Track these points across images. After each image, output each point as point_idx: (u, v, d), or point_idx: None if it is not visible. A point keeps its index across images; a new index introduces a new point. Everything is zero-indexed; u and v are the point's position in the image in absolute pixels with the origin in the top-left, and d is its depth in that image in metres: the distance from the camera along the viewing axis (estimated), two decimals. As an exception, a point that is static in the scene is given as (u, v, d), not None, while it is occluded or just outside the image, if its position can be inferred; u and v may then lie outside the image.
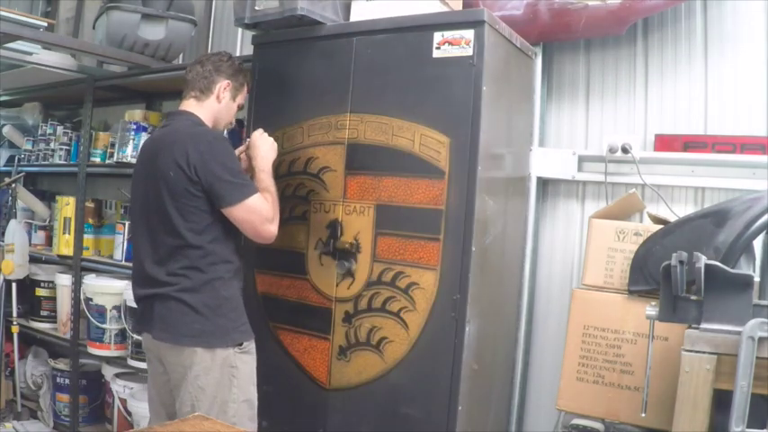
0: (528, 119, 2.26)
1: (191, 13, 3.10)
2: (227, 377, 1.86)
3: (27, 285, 3.29)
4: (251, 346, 1.93)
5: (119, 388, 2.82)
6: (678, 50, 2.15)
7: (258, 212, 1.86)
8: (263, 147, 2.02)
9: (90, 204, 3.16)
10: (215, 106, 2.01)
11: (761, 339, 1.29)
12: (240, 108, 2.12)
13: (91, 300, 2.85)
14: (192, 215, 1.84)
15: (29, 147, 3.63)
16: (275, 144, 2.05)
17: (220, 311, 1.86)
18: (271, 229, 1.89)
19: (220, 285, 1.87)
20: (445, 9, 2.08)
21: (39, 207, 3.54)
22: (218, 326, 1.85)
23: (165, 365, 1.91)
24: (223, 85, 2.00)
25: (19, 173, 3.44)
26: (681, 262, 1.40)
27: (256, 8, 2.15)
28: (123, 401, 2.78)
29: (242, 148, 2.08)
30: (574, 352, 1.93)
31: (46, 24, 2.73)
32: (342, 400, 2.03)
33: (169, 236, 1.85)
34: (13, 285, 3.21)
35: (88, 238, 3.14)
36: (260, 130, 2.06)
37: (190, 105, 2.00)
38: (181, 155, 1.82)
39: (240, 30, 3.06)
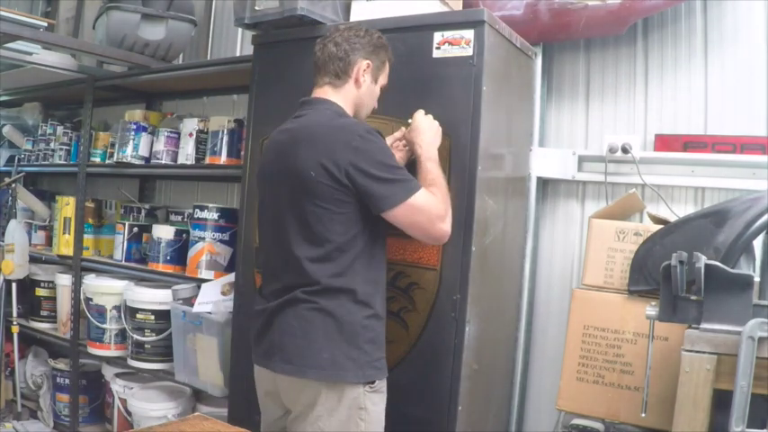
0: (528, 119, 2.26)
1: (191, 13, 3.10)
2: (355, 420, 1.58)
3: (27, 285, 3.29)
4: (383, 384, 1.65)
5: (119, 388, 2.82)
6: (678, 50, 2.15)
7: (426, 211, 1.59)
8: (429, 131, 1.74)
9: (90, 204, 3.16)
10: (354, 92, 1.72)
11: (761, 339, 1.29)
12: (384, 89, 1.81)
13: (91, 300, 2.85)
14: (335, 224, 1.57)
15: (29, 147, 3.63)
16: (440, 128, 1.78)
17: (356, 341, 1.57)
18: (443, 228, 1.62)
19: (358, 309, 1.59)
20: (445, 9, 2.08)
21: (39, 207, 3.54)
22: (350, 358, 1.57)
23: (284, 400, 1.67)
24: (362, 67, 1.71)
25: (19, 173, 3.45)
26: (681, 262, 1.40)
27: (256, 8, 2.15)
28: (123, 401, 2.78)
29: (397, 134, 1.84)
30: (574, 352, 1.93)
31: (46, 24, 2.73)
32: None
33: (303, 247, 1.59)
34: (13, 285, 3.21)
35: (88, 238, 3.14)
36: (422, 112, 1.79)
37: (326, 92, 1.71)
38: (327, 154, 1.55)
39: (240, 30, 3.06)
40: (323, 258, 1.58)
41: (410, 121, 1.81)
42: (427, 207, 1.60)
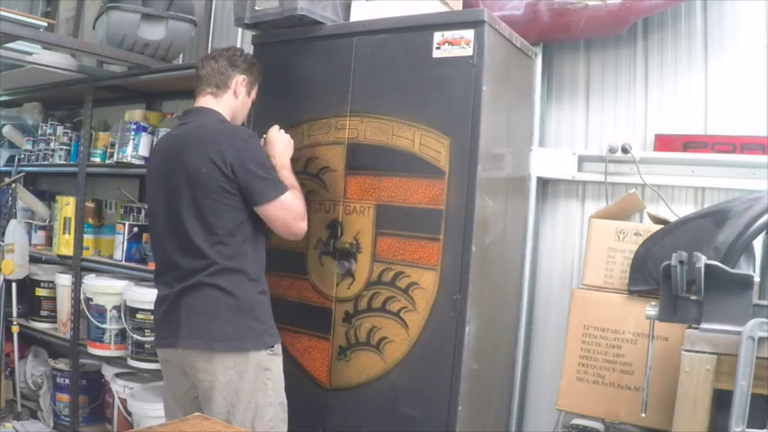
0: (528, 119, 2.26)
1: (191, 13, 3.10)
2: (262, 380, 1.82)
3: (27, 285, 3.28)
4: (280, 348, 1.90)
5: (119, 388, 2.82)
6: (678, 50, 2.15)
7: (291, 209, 1.84)
8: (281, 143, 1.99)
9: (90, 204, 3.16)
10: (232, 102, 1.97)
11: (761, 339, 1.29)
12: (254, 104, 2.08)
13: (91, 300, 2.84)
14: (224, 213, 1.80)
15: (29, 147, 3.62)
16: (291, 141, 2.02)
17: (253, 313, 1.82)
18: (302, 226, 1.87)
19: (252, 286, 1.83)
20: (445, 9, 2.08)
21: (39, 207, 3.54)
22: (250, 329, 1.81)
23: (193, 375, 1.84)
24: (239, 80, 1.97)
25: (19, 173, 3.44)
26: (681, 262, 1.40)
27: (256, 8, 2.15)
28: (123, 401, 2.77)
29: None
30: (574, 352, 1.93)
31: (46, 24, 2.73)
32: (342, 400, 2.04)
33: (200, 234, 1.80)
34: (13, 285, 3.21)
35: (88, 238, 3.14)
36: (276, 127, 2.03)
37: (207, 102, 1.95)
38: (215, 152, 1.77)
39: (240, 30, 3.06)
40: (217, 242, 1.79)
41: (265, 136, 2.00)
42: (292, 206, 1.84)
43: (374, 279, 1.98)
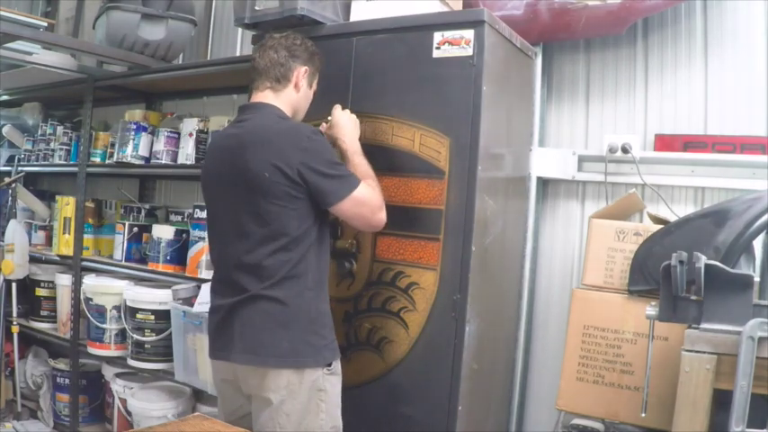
0: (528, 119, 2.26)
1: (191, 13, 3.10)
2: (315, 402, 1.68)
3: (27, 285, 3.29)
4: (338, 366, 1.75)
5: (119, 388, 2.82)
6: (678, 50, 2.15)
7: (368, 203, 1.71)
8: (348, 124, 1.84)
9: (90, 204, 3.16)
10: (293, 96, 1.81)
11: (761, 339, 1.29)
12: (315, 95, 1.92)
13: (91, 300, 2.85)
14: (290, 219, 1.65)
15: (29, 147, 3.63)
16: (357, 120, 1.88)
17: (312, 327, 1.68)
18: (381, 216, 1.74)
19: (313, 297, 1.69)
20: (445, 9, 2.08)
21: (39, 207, 3.54)
22: (308, 343, 1.66)
23: (246, 391, 1.72)
24: (301, 72, 1.81)
25: (19, 173, 3.44)
26: (681, 262, 1.40)
27: (256, 8, 2.15)
28: (123, 401, 2.78)
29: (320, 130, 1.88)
30: (574, 352, 1.93)
31: (46, 24, 2.73)
32: (342, 399, 2.03)
33: (260, 242, 1.66)
34: (13, 285, 3.21)
35: (88, 238, 3.14)
36: (338, 107, 1.89)
37: (266, 97, 1.79)
38: (279, 155, 1.63)
39: (240, 30, 3.06)
40: (280, 250, 1.65)
41: (329, 118, 1.87)
42: (368, 199, 1.71)
43: (374, 279, 1.98)
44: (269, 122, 1.73)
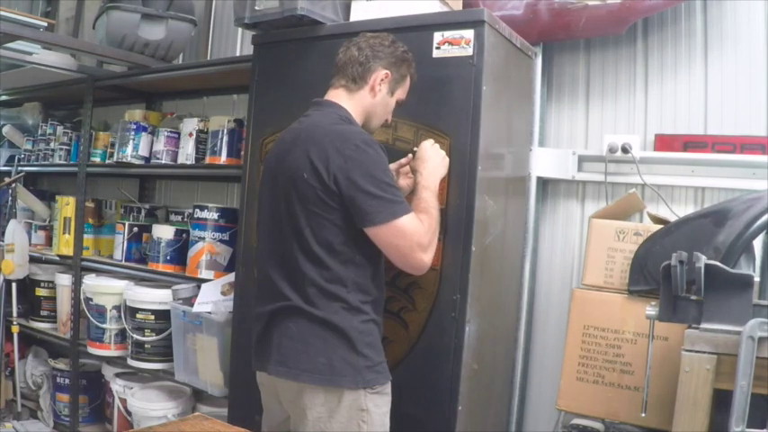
0: (528, 119, 2.26)
1: (191, 13, 3.10)
2: (356, 422, 1.55)
3: (27, 285, 3.29)
4: (387, 387, 1.63)
5: (119, 388, 2.82)
6: (678, 50, 2.15)
7: (409, 237, 1.52)
8: (433, 160, 1.71)
9: (90, 204, 3.16)
10: (368, 100, 1.68)
11: (761, 339, 1.29)
12: (400, 104, 1.77)
13: (91, 300, 2.85)
14: (322, 228, 1.54)
15: (29, 147, 3.63)
16: (447, 159, 1.76)
17: (354, 345, 1.55)
18: (423, 258, 1.55)
19: (354, 314, 1.56)
20: (445, 9, 2.08)
21: (39, 207, 3.54)
22: (348, 363, 1.54)
23: (285, 405, 1.65)
24: (380, 76, 1.67)
25: (19, 173, 3.45)
26: (681, 262, 1.40)
27: (256, 8, 2.15)
28: (123, 401, 2.78)
29: (403, 160, 1.81)
30: (574, 352, 1.93)
31: (46, 24, 2.73)
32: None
33: (298, 250, 1.56)
34: (13, 285, 3.22)
35: (88, 238, 3.14)
36: (430, 141, 1.77)
37: (338, 96, 1.68)
38: (319, 155, 1.52)
39: (240, 30, 3.07)
40: (316, 261, 1.55)
41: (415, 149, 1.79)
42: (411, 233, 1.53)
43: (374, 279, 1.98)
44: (326, 122, 1.61)
